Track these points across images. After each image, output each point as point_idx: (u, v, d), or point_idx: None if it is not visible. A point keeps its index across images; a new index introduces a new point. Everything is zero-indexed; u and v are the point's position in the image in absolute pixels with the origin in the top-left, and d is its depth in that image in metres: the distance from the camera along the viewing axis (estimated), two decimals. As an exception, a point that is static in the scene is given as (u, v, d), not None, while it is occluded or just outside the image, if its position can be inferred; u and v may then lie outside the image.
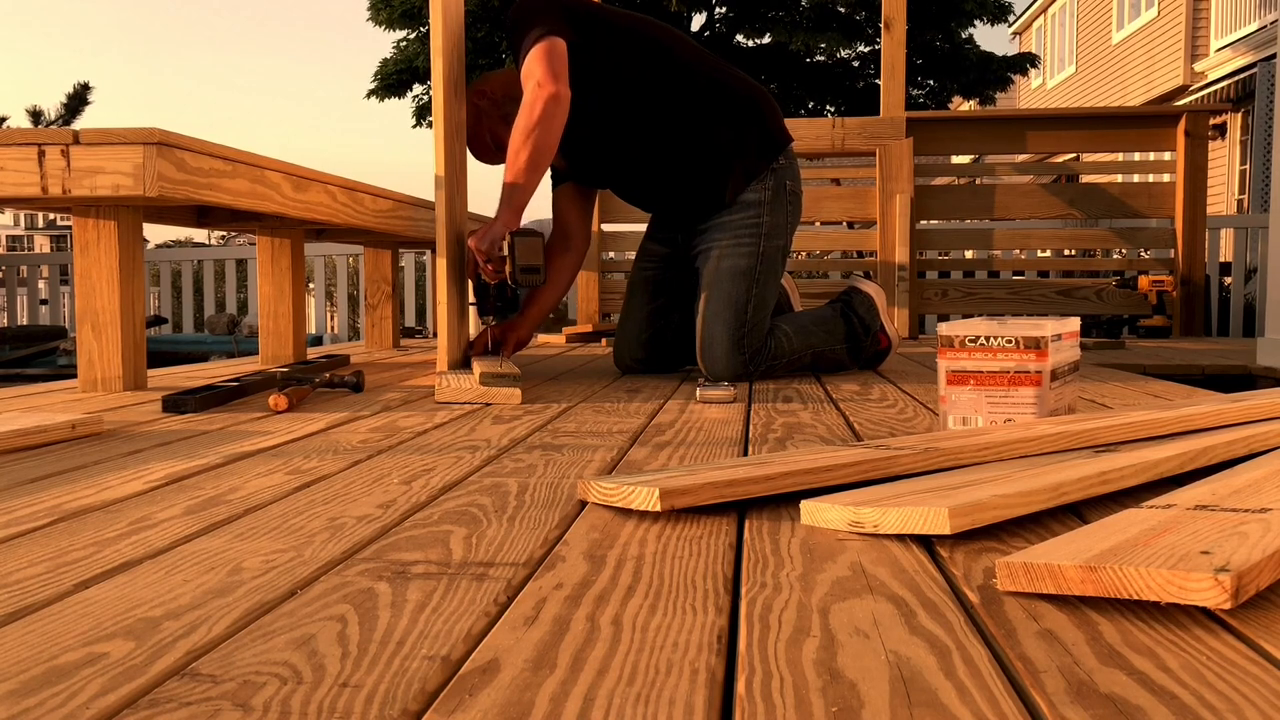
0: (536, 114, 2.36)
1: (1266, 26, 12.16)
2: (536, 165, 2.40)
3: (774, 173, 2.64)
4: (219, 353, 6.57)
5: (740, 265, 2.57)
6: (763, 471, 1.13)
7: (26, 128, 9.52)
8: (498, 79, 2.73)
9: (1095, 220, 5.35)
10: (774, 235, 2.62)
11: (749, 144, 2.62)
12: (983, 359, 1.57)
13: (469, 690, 0.61)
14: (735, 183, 2.60)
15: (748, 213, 2.61)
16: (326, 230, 3.43)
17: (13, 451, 1.54)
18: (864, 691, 0.60)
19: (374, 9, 13.18)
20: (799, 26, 12.49)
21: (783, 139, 2.68)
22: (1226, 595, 0.70)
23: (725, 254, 2.59)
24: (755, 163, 2.62)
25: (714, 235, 2.62)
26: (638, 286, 2.82)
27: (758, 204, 2.61)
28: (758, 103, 2.66)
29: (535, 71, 2.39)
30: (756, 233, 2.60)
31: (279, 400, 2.00)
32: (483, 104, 2.68)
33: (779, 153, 2.66)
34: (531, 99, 2.37)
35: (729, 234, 2.60)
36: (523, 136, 2.37)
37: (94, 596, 0.81)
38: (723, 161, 2.60)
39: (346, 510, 1.11)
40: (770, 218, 2.62)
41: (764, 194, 2.62)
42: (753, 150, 2.63)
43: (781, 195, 2.64)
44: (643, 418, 1.89)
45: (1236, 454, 1.28)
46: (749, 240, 2.60)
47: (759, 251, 2.59)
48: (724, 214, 2.62)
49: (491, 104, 2.68)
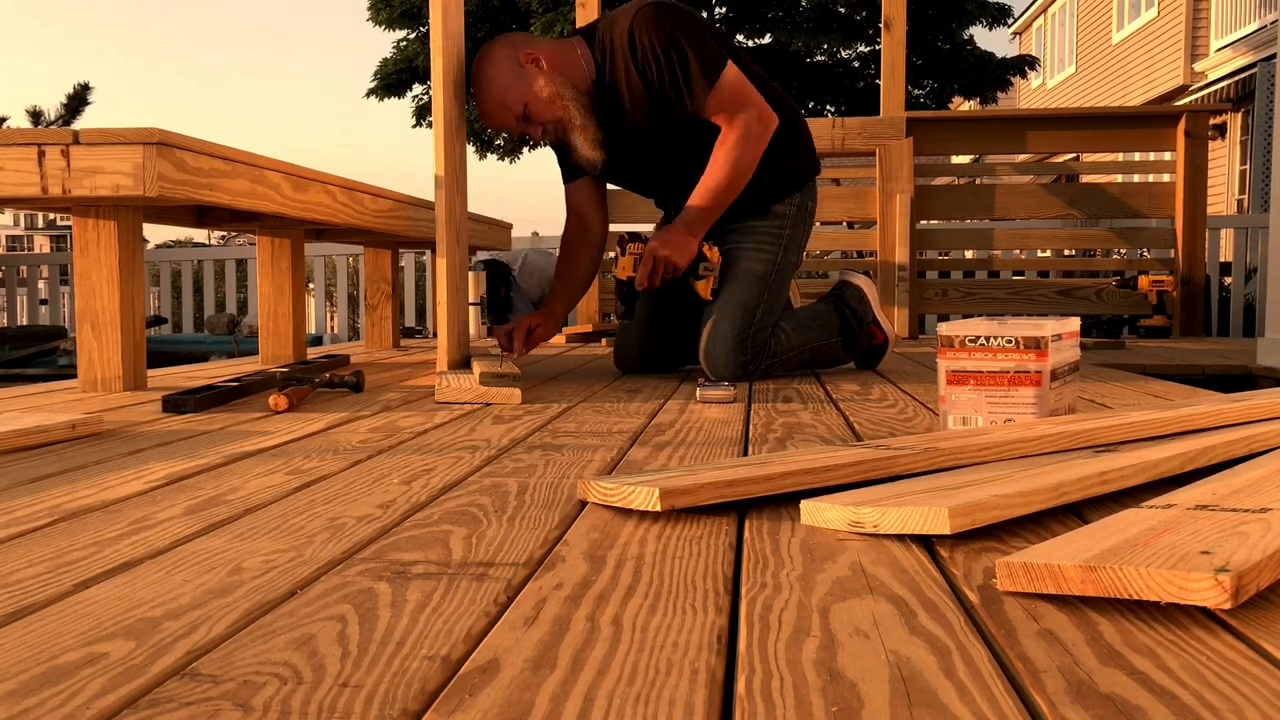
0: (761, 146, 2.49)
1: (1266, 26, 12.16)
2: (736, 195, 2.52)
3: (802, 191, 2.73)
4: (219, 353, 6.57)
5: (757, 269, 2.61)
6: (763, 471, 1.13)
7: (26, 128, 9.53)
8: (550, 49, 2.51)
9: (1095, 220, 5.35)
10: (791, 248, 2.69)
11: (793, 162, 2.71)
12: (983, 359, 1.57)
13: (469, 690, 0.61)
14: (774, 193, 2.67)
15: (773, 222, 2.67)
16: (326, 230, 3.43)
17: (13, 451, 1.54)
18: (864, 691, 0.60)
19: (374, 9, 13.17)
20: (799, 27, 12.48)
21: (816, 162, 2.82)
22: (1226, 595, 0.70)
23: (744, 256, 2.62)
24: (794, 179, 2.71)
25: (736, 237, 2.65)
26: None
27: (784, 216, 2.69)
28: (802, 124, 2.75)
29: (752, 101, 2.47)
30: (778, 242, 2.66)
31: (279, 400, 2.00)
32: (529, 69, 2.46)
33: (814, 174, 2.78)
34: (758, 131, 2.47)
35: (751, 238, 2.65)
36: (745, 165, 2.48)
37: (94, 596, 0.81)
38: (769, 174, 2.63)
39: (346, 510, 1.11)
40: (792, 231, 2.70)
41: (790, 208, 2.70)
42: (794, 168, 2.71)
43: (805, 212, 2.74)
44: (643, 418, 1.89)
45: (1237, 454, 1.28)
46: (769, 247, 2.65)
47: (776, 260, 2.65)
48: (750, 219, 2.66)
49: (540, 73, 2.46)
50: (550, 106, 2.47)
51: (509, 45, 2.50)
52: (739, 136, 2.47)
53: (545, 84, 2.46)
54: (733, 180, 2.49)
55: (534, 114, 2.49)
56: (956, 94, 13.61)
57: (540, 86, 2.46)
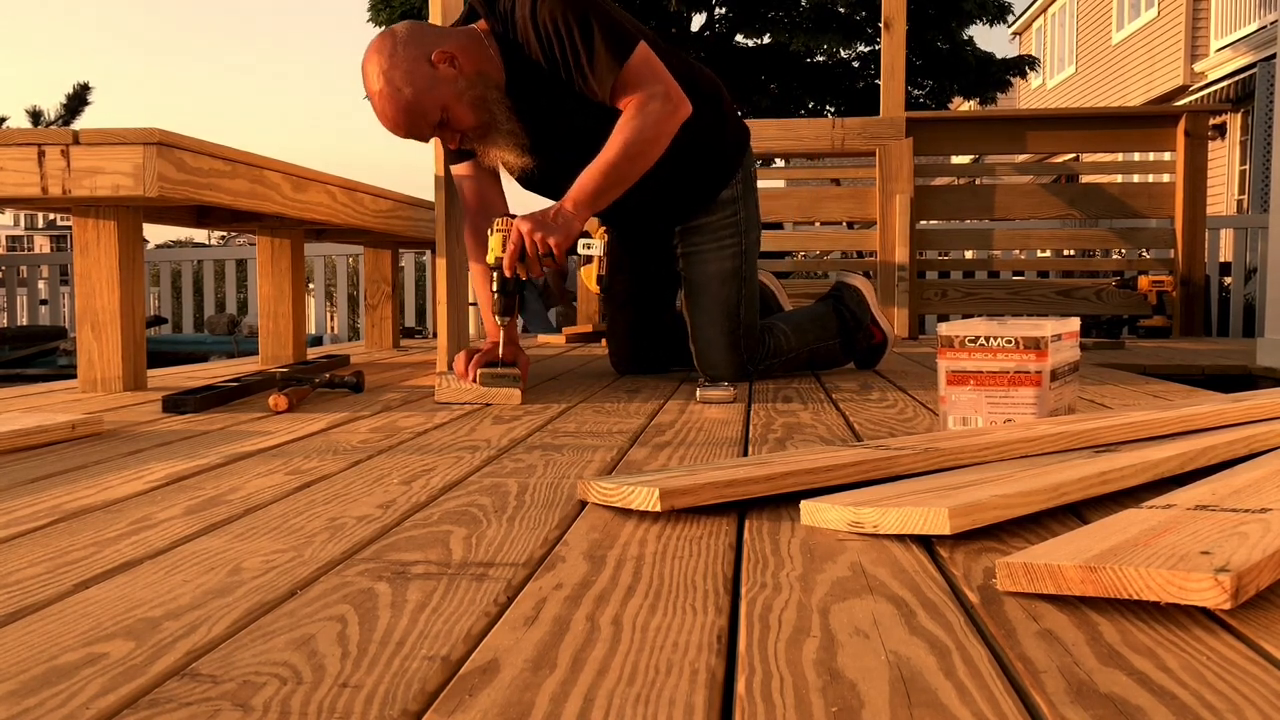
0: (666, 128, 2.21)
1: (1266, 26, 12.16)
2: (634, 178, 2.21)
3: (744, 165, 2.58)
4: (219, 353, 6.57)
5: (726, 268, 2.53)
6: (763, 471, 1.13)
7: (26, 128, 9.52)
8: (460, 45, 2.19)
9: (1095, 220, 5.35)
10: (750, 228, 2.58)
11: (729, 139, 2.55)
12: (983, 359, 1.57)
13: (469, 690, 0.61)
14: (719, 179, 2.54)
15: (725, 211, 2.55)
16: (326, 230, 3.43)
17: (13, 451, 1.54)
18: (864, 691, 0.60)
19: (374, 9, 13.18)
20: (799, 27, 12.49)
21: (744, 128, 2.61)
22: (1226, 595, 0.69)
23: (710, 258, 2.53)
24: (733, 157, 2.56)
25: (694, 239, 2.55)
26: (619, 294, 2.73)
27: (733, 200, 2.56)
28: (723, 93, 2.53)
29: (661, 81, 2.21)
30: (736, 230, 2.55)
31: (279, 400, 2.00)
32: (444, 71, 2.14)
33: (748, 139, 2.60)
34: (667, 111, 2.19)
35: (710, 236, 2.54)
36: (645, 142, 2.18)
37: (94, 596, 0.81)
38: (710, 160, 2.51)
39: (346, 510, 1.11)
40: (745, 211, 2.57)
41: (737, 189, 2.56)
42: (731, 144, 2.55)
43: (750, 184, 2.60)
44: (643, 418, 1.89)
45: (1237, 454, 1.28)
46: (730, 240, 2.54)
47: (742, 249, 2.55)
48: (702, 215, 2.55)
49: (459, 75, 2.16)
50: (474, 111, 2.19)
51: (415, 43, 2.15)
52: (637, 110, 2.18)
53: (466, 86, 2.17)
54: (627, 158, 2.17)
55: (454, 120, 2.19)
56: (956, 94, 13.61)
57: (461, 89, 2.16)
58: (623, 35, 2.21)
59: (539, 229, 2.09)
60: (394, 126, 2.21)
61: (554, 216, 2.12)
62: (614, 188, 2.21)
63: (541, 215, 2.12)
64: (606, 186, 2.18)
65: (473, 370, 2.18)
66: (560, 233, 2.10)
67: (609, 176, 2.17)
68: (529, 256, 2.11)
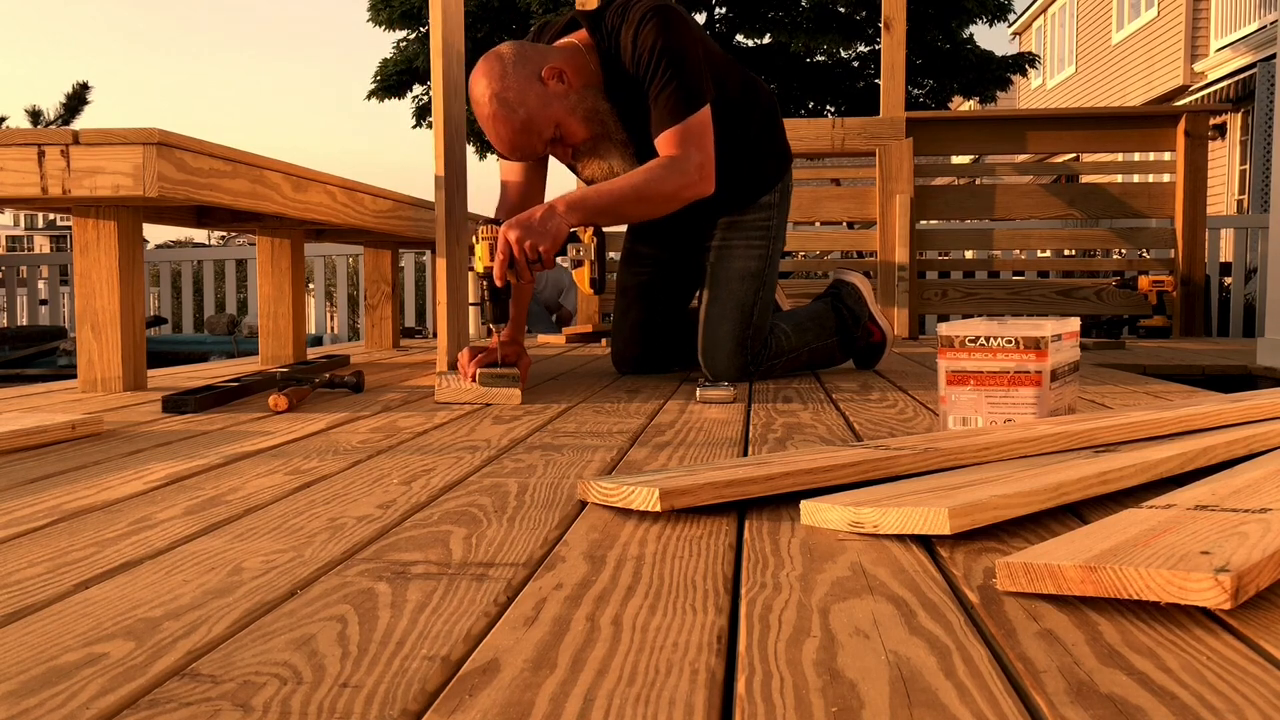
0: (682, 195, 2.25)
1: (1266, 26, 12.16)
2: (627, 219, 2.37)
3: (784, 178, 2.68)
4: (219, 353, 6.57)
5: (750, 267, 2.57)
6: (763, 472, 1.13)
7: (26, 128, 9.52)
8: (569, 61, 2.27)
9: (1095, 220, 5.35)
10: (779, 238, 2.65)
11: (775, 149, 2.66)
12: (983, 359, 1.57)
13: (469, 690, 0.61)
14: (766, 182, 2.63)
15: (761, 214, 2.61)
16: (326, 230, 3.43)
17: (13, 451, 1.54)
18: (864, 691, 0.60)
19: (374, 9, 13.18)
20: (799, 27, 12.49)
21: (789, 147, 2.74)
22: (1226, 595, 0.70)
23: (737, 254, 2.58)
24: (777, 167, 2.66)
25: (726, 234, 2.60)
26: (630, 291, 2.76)
27: (771, 205, 2.63)
28: (777, 108, 2.68)
29: (703, 152, 2.25)
30: (766, 235, 2.61)
31: (279, 400, 2.00)
32: (555, 88, 2.22)
33: (790, 161, 2.72)
34: (689, 182, 2.23)
35: (741, 234, 2.60)
36: (658, 197, 2.23)
37: (94, 596, 0.81)
38: (758, 169, 2.59)
39: (346, 510, 1.11)
40: (777, 220, 2.65)
41: (775, 196, 2.65)
42: (777, 155, 2.66)
43: (786, 197, 2.69)
44: (643, 418, 1.89)
45: (1236, 454, 1.28)
46: (759, 242, 2.60)
47: (768, 254, 2.60)
48: (739, 213, 2.60)
49: (569, 90, 2.24)
50: (587, 124, 2.28)
51: (523, 62, 2.21)
52: (670, 165, 2.23)
53: (578, 101, 2.25)
54: (635, 199, 2.22)
55: (568, 135, 2.27)
56: (956, 93, 13.62)
57: (574, 104, 2.25)
58: (696, 92, 2.26)
59: (527, 235, 2.09)
60: (508, 147, 2.27)
61: (540, 220, 2.12)
62: (608, 213, 2.24)
63: (528, 219, 2.12)
64: (604, 209, 2.21)
65: (473, 369, 2.18)
66: (548, 238, 2.11)
67: (612, 202, 2.21)
68: (518, 263, 2.11)
